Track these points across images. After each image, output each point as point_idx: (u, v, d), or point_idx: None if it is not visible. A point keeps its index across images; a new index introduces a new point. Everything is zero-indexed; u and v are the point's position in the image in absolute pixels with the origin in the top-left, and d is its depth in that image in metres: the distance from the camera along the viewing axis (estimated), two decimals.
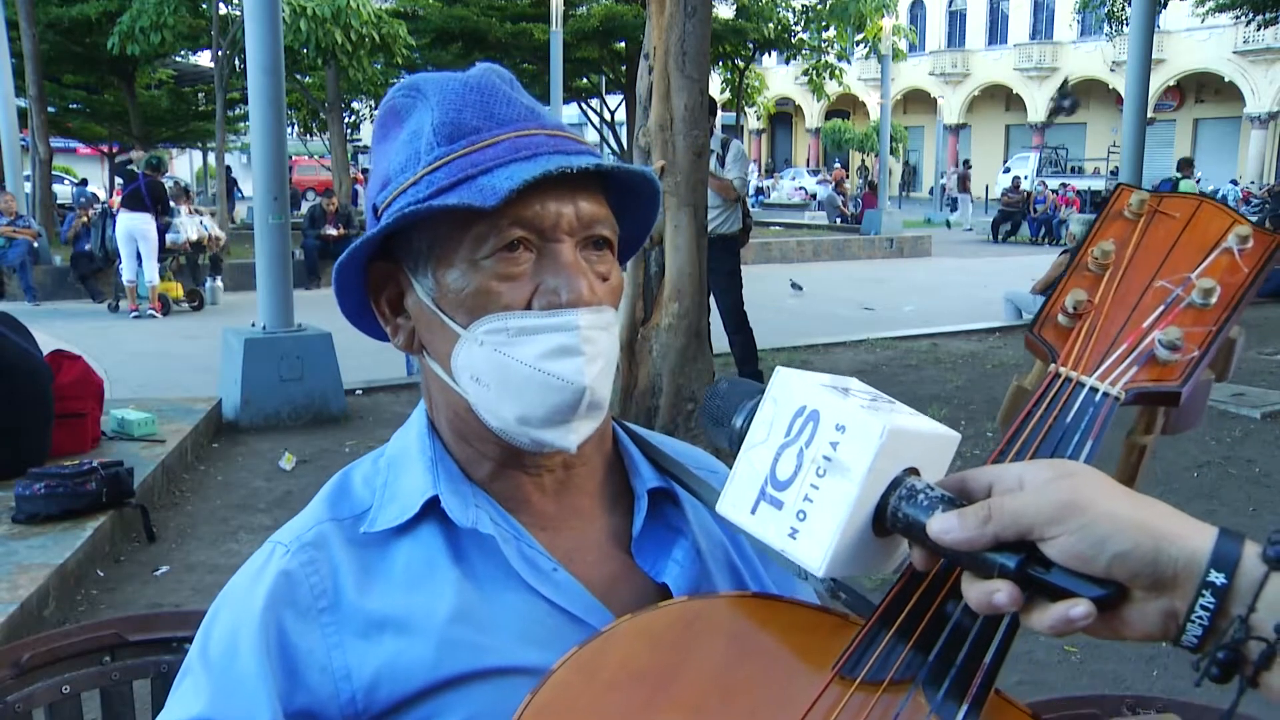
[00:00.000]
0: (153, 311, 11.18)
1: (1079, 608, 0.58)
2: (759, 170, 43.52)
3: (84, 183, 26.72)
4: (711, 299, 6.64)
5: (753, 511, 0.71)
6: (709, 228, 6.42)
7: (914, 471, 0.68)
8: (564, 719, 0.68)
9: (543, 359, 0.82)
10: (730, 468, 0.75)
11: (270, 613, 0.82)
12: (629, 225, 0.92)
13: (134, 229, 11.09)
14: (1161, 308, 0.73)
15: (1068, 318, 0.75)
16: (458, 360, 0.85)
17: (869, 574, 0.72)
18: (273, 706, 0.79)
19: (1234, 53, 35.72)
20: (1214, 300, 0.72)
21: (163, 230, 11.33)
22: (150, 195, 11.09)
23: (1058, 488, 0.60)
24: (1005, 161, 38.27)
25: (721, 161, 6.47)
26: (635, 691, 0.70)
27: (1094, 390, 0.72)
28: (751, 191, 17.94)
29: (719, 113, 6.60)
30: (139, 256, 11.12)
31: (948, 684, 0.67)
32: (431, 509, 0.87)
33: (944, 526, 0.62)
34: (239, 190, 30.06)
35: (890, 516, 0.67)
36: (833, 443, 0.67)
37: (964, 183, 25.81)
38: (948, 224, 26.67)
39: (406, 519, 0.86)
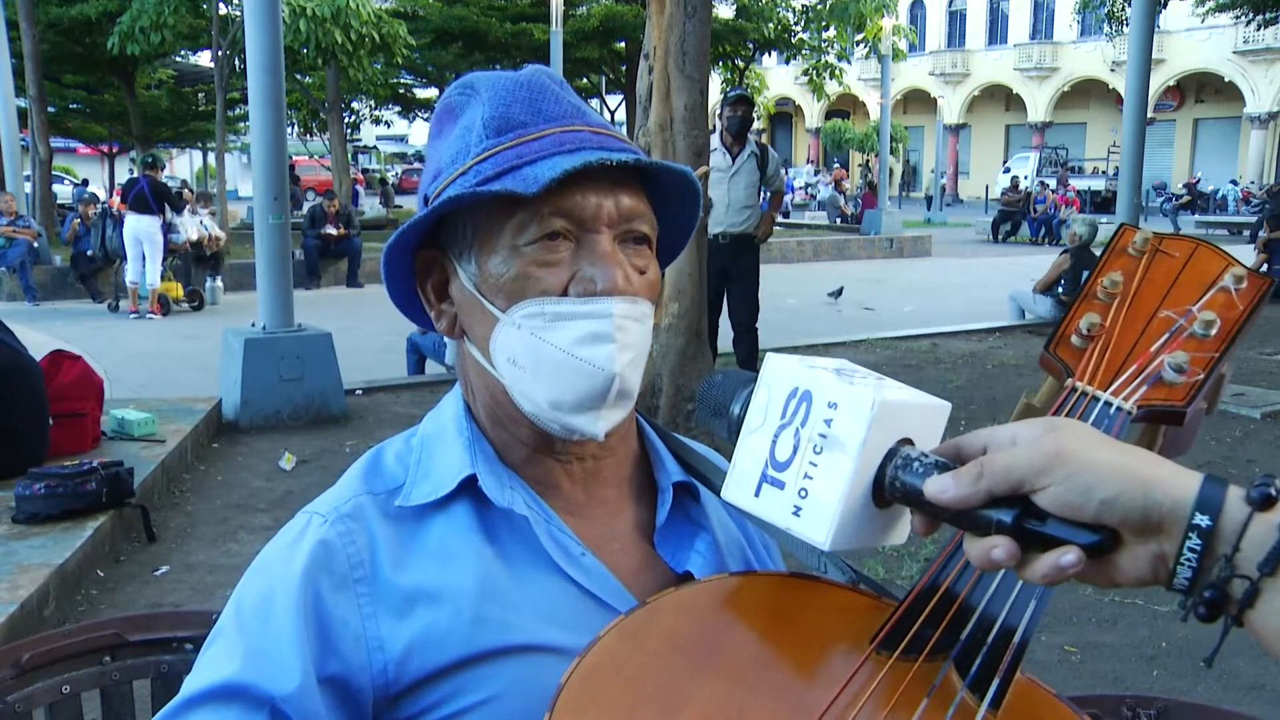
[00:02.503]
0: (152, 314, 11.18)
1: (1069, 555, 0.60)
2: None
3: (84, 183, 26.73)
4: (725, 295, 6.78)
5: (756, 495, 0.73)
6: (739, 227, 6.61)
7: (908, 442, 0.71)
8: (610, 683, 0.71)
9: (576, 345, 0.84)
10: (730, 461, 0.77)
11: (308, 579, 0.83)
12: (669, 227, 0.95)
13: (139, 231, 11.10)
14: (1167, 335, 0.80)
15: (1081, 339, 0.82)
16: (496, 343, 0.88)
17: (876, 545, 0.74)
18: (305, 670, 0.80)
19: (1234, 53, 35.71)
20: (1214, 332, 0.79)
21: (165, 230, 11.32)
22: (153, 195, 11.09)
23: (1045, 440, 0.62)
24: (1005, 161, 38.30)
25: (761, 166, 6.76)
26: (679, 660, 0.73)
27: (1108, 404, 0.78)
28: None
29: (753, 117, 6.96)
30: (143, 258, 11.13)
31: (979, 661, 0.70)
32: (465, 488, 0.89)
33: (940, 487, 0.65)
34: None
35: (889, 486, 0.69)
36: (827, 420, 0.70)
37: (1063, 182, 25.58)
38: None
39: (442, 495, 0.88)
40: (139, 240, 11.07)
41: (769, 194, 7.10)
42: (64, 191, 25.49)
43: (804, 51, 22.30)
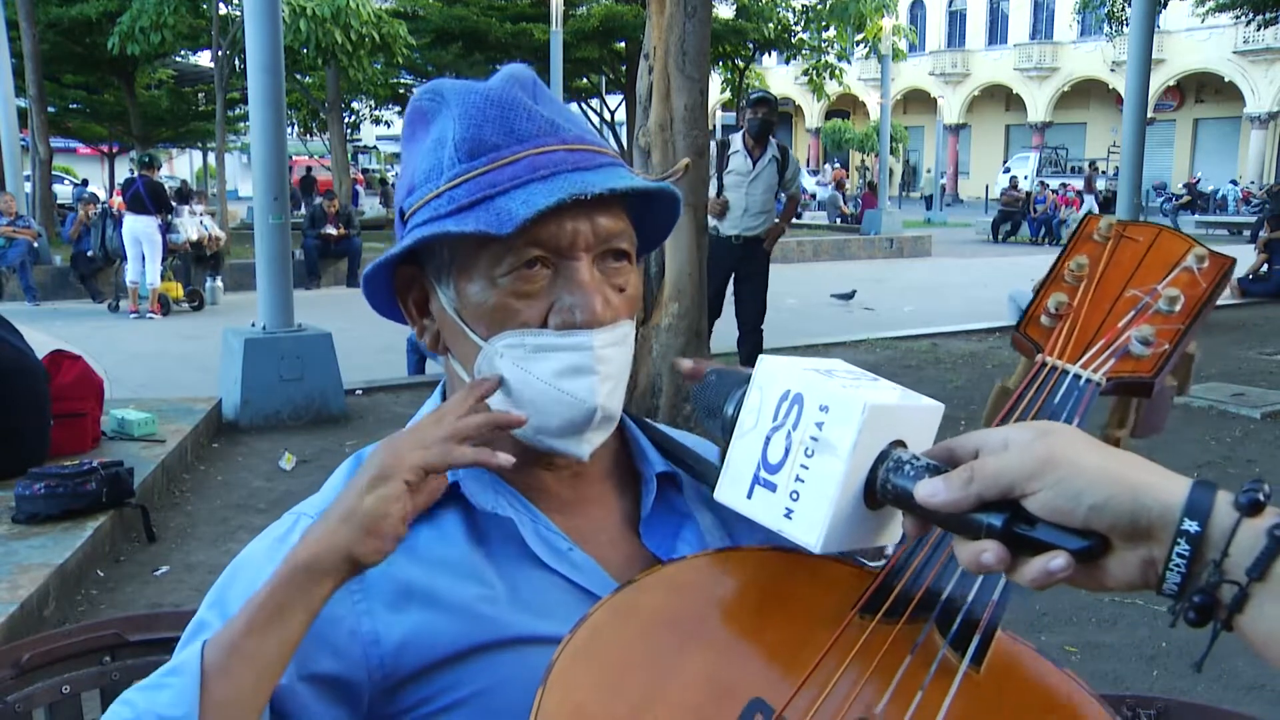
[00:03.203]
0: (152, 314, 11.17)
1: (1058, 560, 0.61)
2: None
3: (84, 183, 26.71)
4: (735, 295, 6.79)
5: (749, 496, 0.74)
6: (754, 231, 6.61)
7: (900, 444, 0.71)
8: (600, 658, 0.72)
9: (558, 377, 0.85)
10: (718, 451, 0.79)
11: None
12: (648, 229, 0.94)
13: (137, 231, 11.10)
14: (1133, 311, 0.83)
15: (1050, 318, 0.84)
16: (479, 370, 0.88)
17: (867, 546, 0.75)
18: (287, 667, 0.81)
19: (1234, 53, 35.70)
20: (1179, 308, 0.81)
21: (164, 229, 11.30)
22: (150, 195, 11.08)
23: (1036, 445, 0.63)
24: (1005, 161, 38.29)
25: (781, 171, 6.76)
26: (666, 633, 0.74)
27: (1077, 377, 0.80)
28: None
29: (775, 120, 6.94)
30: (143, 258, 11.13)
31: (960, 620, 0.72)
32: (451, 494, 0.89)
33: (930, 490, 0.65)
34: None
35: (880, 488, 0.69)
36: (818, 423, 0.71)
37: (1089, 184, 25.41)
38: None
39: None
40: (137, 240, 11.07)
41: (784, 199, 7.05)
42: (64, 191, 25.46)
43: (804, 51, 22.29)
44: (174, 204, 11.95)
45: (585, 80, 24.25)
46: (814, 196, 31.42)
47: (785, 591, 0.79)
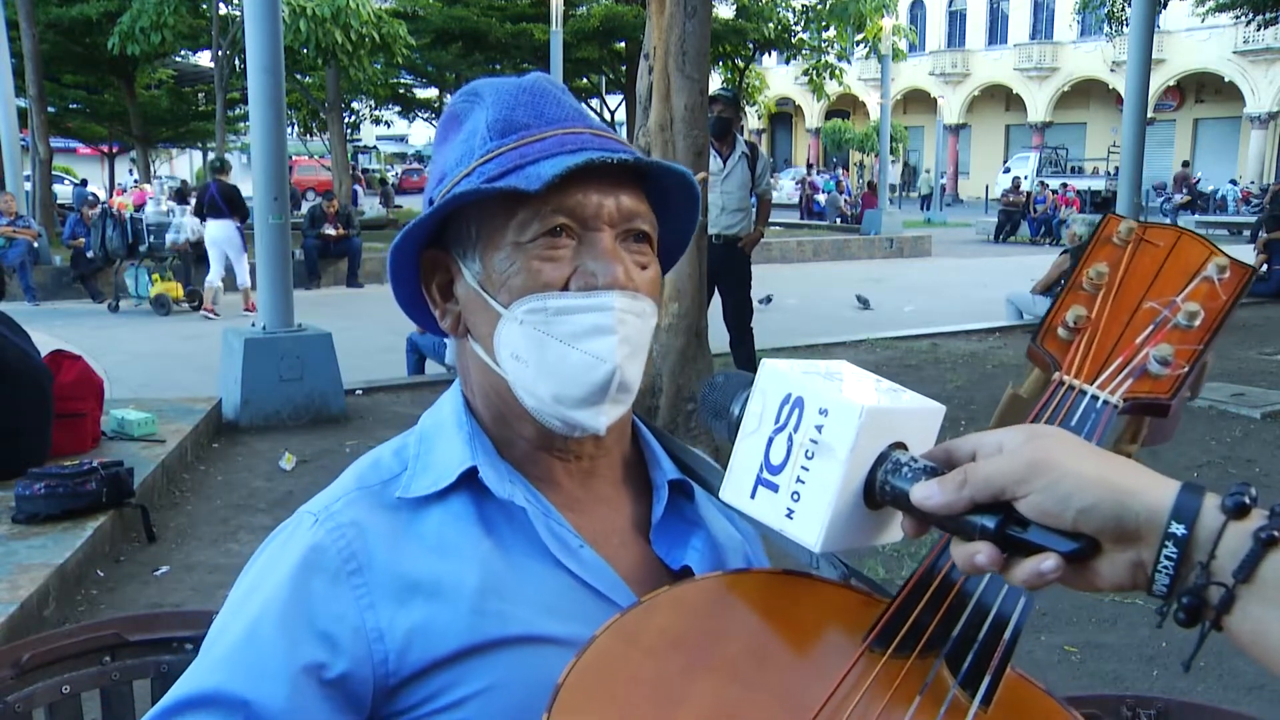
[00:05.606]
0: (243, 311, 10.97)
1: (1048, 561, 0.62)
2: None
3: (84, 183, 26.74)
4: (720, 296, 6.77)
5: (752, 496, 0.76)
6: (733, 230, 6.60)
7: (900, 446, 0.73)
8: (606, 682, 0.71)
9: (578, 337, 0.86)
10: (728, 463, 0.79)
11: (297, 583, 0.84)
12: (668, 231, 0.97)
13: (216, 237, 11.30)
14: (1152, 326, 0.81)
15: (1068, 331, 0.83)
16: (499, 339, 0.89)
17: (868, 545, 0.76)
18: (292, 675, 0.80)
19: (1234, 53, 35.70)
20: (1198, 323, 0.80)
21: (243, 233, 11.33)
22: (224, 199, 11.23)
23: (1026, 449, 0.64)
24: (1005, 161, 38.29)
25: (752, 167, 6.76)
26: (674, 658, 0.73)
27: (1095, 398, 0.79)
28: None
29: (744, 116, 6.93)
30: (222, 260, 11.35)
31: (971, 659, 0.72)
32: (465, 481, 0.89)
33: (925, 493, 0.67)
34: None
35: (879, 490, 0.71)
36: (818, 426, 0.72)
37: (1179, 182, 24.98)
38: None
39: (443, 487, 0.89)
40: (216, 244, 11.28)
41: (755, 201, 6.96)
42: (64, 191, 25.49)
43: (804, 51, 22.31)
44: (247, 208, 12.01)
45: (585, 80, 24.28)
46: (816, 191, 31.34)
47: (796, 618, 0.79)
